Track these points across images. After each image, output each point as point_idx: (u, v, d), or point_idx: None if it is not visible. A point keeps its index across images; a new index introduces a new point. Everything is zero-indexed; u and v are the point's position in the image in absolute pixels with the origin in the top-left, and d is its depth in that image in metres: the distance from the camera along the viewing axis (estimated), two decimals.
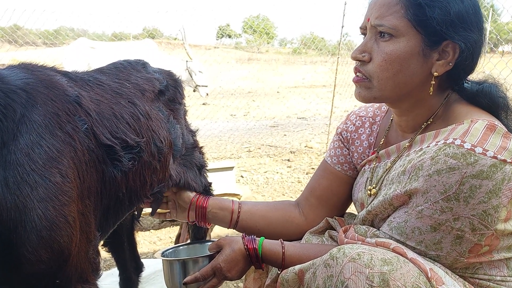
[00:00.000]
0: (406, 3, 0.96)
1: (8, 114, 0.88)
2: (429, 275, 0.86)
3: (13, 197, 0.83)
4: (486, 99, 1.01)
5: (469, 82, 1.04)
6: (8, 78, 0.94)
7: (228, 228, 1.38)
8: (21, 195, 0.83)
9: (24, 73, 0.99)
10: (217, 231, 2.80)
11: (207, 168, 1.68)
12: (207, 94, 6.95)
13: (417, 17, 0.95)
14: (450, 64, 0.97)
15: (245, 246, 1.15)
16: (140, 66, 1.47)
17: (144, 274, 1.93)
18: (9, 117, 0.88)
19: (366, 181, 1.17)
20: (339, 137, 1.32)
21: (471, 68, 1.00)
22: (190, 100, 6.83)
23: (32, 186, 0.85)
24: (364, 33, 1.05)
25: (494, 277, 0.95)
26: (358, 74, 1.04)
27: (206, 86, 6.99)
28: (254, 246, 1.15)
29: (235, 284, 2.18)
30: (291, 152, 5.46)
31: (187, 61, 6.87)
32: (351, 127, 1.29)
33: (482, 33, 0.99)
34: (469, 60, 0.97)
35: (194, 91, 7.00)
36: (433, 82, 0.99)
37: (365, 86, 1.03)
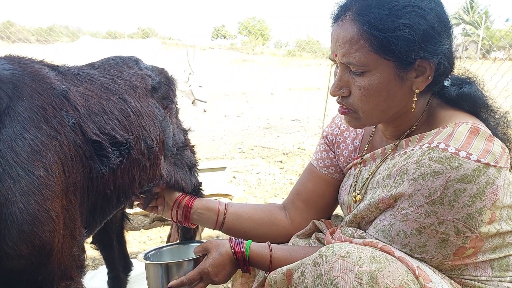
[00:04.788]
0: (368, 37, 0.93)
1: None
2: (417, 272, 0.86)
3: None
4: (468, 102, 1.01)
5: (449, 79, 1.04)
6: None
7: (213, 229, 1.37)
8: (2, 188, 0.81)
9: (11, 65, 0.97)
10: (208, 232, 2.78)
11: (198, 167, 1.67)
12: (205, 111, 6.91)
13: (383, 48, 0.92)
14: (429, 77, 0.96)
15: (233, 250, 1.14)
16: (132, 62, 1.46)
17: (133, 273, 1.92)
18: None
19: (351, 186, 1.17)
20: (324, 140, 1.32)
21: (449, 71, 1.00)
22: (183, 99, 6.81)
23: (15, 179, 0.83)
24: (336, 63, 1.02)
25: (479, 277, 0.96)
26: (343, 105, 1.03)
27: (206, 102, 6.96)
28: (242, 249, 1.14)
29: (224, 285, 2.17)
30: (284, 153, 5.46)
31: (190, 73, 6.83)
32: (336, 130, 1.29)
33: (451, 35, 0.97)
34: (446, 67, 0.97)
35: (192, 103, 6.97)
36: (415, 99, 0.99)
37: (353, 117, 1.04)
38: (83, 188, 1.03)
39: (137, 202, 1.47)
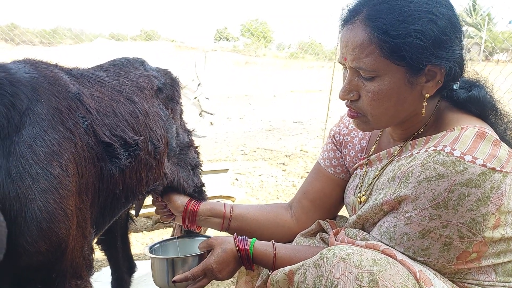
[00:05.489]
0: (379, 42, 0.91)
1: (16, 103, 0.89)
2: (418, 276, 0.86)
3: (15, 187, 0.84)
4: (476, 106, 1.01)
5: (458, 82, 1.03)
6: (15, 70, 0.96)
7: (220, 231, 1.38)
8: (22, 186, 0.84)
9: (29, 68, 1.00)
10: (211, 230, 2.79)
11: (202, 168, 1.68)
12: (211, 123, 6.93)
13: (394, 54, 0.91)
14: (440, 82, 0.96)
15: (237, 247, 1.15)
16: (138, 63, 1.49)
17: (136, 275, 1.93)
18: (17, 106, 0.89)
19: (356, 187, 1.18)
20: (332, 139, 1.32)
21: (459, 76, 1.00)
22: (191, 107, 6.87)
23: (34, 178, 0.86)
24: (345, 66, 1.02)
25: (482, 282, 0.95)
26: (352, 109, 1.03)
27: (213, 114, 6.99)
28: (246, 247, 1.15)
29: (226, 287, 2.18)
30: (286, 155, 5.46)
31: (199, 84, 6.84)
32: (344, 130, 1.30)
33: (462, 39, 0.96)
34: (457, 72, 0.96)
35: (200, 115, 7.00)
36: (425, 104, 0.98)
37: (362, 121, 1.03)
38: (94, 188, 1.06)
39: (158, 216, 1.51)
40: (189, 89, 6.77)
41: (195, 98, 6.83)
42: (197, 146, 1.72)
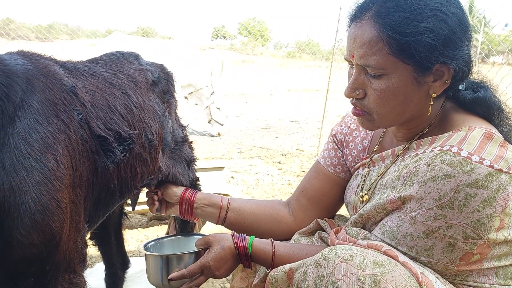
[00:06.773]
0: (388, 40, 0.91)
1: (10, 94, 0.88)
2: (420, 279, 0.85)
3: (9, 179, 0.83)
4: (482, 107, 1.00)
5: (464, 83, 1.03)
6: (9, 62, 0.95)
7: (216, 224, 1.37)
8: (16, 178, 0.84)
9: (24, 60, 0.99)
10: (208, 227, 2.78)
11: (196, 163, 1.68)
12: (219, 134, 6.95)
13: (403, 52, 0.90)
14: (447, 82, 0.95)
15: (235, 245, 1.14)
16: (132, 57, 1.49)
17: (130, 272, 1.92)
18: (11, 97, 0.88)
19: (358, 186, 1.17)
20: (333, 139, 1.31)
21: (467, 76, 0.99)
22: (201, 104, 6.90)
23: (28, 170, 0.85)
24: (351, 64, 1.01)
25: (483, 284, 0.94)
26: (357, 107, 1.02)
27: (222, 125, 7.00)
28: (244, 244, 1.14)
29: (221, 284, 2.18)
30: (282, 154, 5.47)
31: (212, 92, 6.86)
32: (345, 130, 1.29)
33: (470, 40, 0.96)
34: (465, 72, 0.96)
35: (209, 122, 7.02)
36: (432, 103, 0.98)
37: (367, 119, 1.02)
38: (88, 182, 1.05)
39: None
40: (203, 94, 6.82)
41: (207, 107, 6.88)
42: (192, 142, 1.72)
